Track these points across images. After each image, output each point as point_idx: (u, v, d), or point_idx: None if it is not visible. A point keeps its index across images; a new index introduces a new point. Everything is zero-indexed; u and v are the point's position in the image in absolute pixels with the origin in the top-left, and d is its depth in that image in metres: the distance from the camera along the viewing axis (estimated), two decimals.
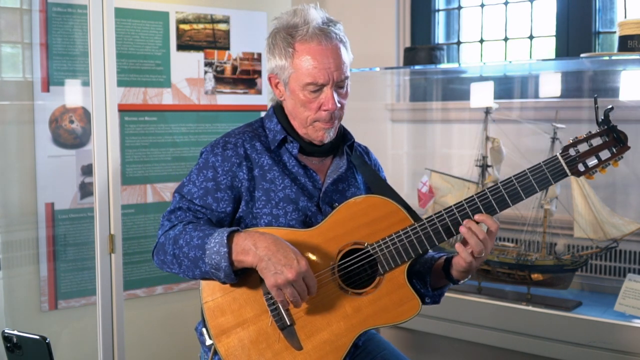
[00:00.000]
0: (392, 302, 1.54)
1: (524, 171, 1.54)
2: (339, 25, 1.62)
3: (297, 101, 1.61)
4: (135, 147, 2.71)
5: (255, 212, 1.60)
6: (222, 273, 1.46)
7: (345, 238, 1.56)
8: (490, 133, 2.89)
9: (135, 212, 2.73)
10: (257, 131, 1.68)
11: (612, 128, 1.54)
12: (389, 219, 1.56)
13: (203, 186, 1.61)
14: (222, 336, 1.51)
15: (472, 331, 2.69)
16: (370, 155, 1.84)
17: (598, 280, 2.81)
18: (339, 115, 1.63)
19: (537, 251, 2.80)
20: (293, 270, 1.40)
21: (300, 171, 1.64)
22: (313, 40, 1.56)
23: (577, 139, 1.54)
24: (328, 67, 1.55)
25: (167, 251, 1.55)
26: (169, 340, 2.82)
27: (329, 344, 1.50)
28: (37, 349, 1.43)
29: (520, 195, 1.54)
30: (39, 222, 2.52)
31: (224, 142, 1.64)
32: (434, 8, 3.40)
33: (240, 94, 2.95)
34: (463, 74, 3.28)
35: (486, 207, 1.53)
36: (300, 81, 1.58)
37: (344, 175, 1.69)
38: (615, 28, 2.82)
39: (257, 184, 1.61)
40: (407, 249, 1.54)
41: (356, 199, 1.58)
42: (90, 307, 2.52)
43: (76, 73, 2.57)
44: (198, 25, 2.83)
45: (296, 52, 1.57)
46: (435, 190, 3.03)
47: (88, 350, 2.45)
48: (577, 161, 1.54)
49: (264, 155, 1.63)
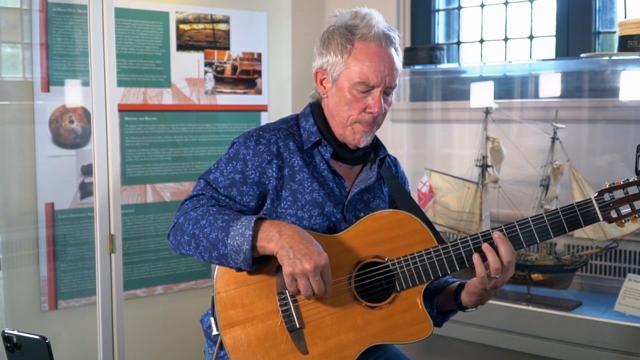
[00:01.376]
0: (404, 320, 1.53)
1: (557, 210, 1.52)
2: (397, 35, 1.61)
3: (343, 99, 1.59)
4: (135, 147, 2.71)
5: (280, 211, 1.58)
6: (242, 256, 1.43)
7: (367, 250, 1.54)
8: (490, 133, 2.89)
9: (135, 212, 2.73)
10: (291, 129, 1.65)
11: None
12: (413, 237, 1.55)
13: (230, 177, 1.58)
14: (229, 328, 1.50)
15: (472, 331, 2.69)
16: (399, 167, 1.82)
17: (598, 280, 2.81)
18: (379, 121, 1.62)
19: (537, 251, 2.80)
20: (312, 262, 1.39)
21: (329, 176, 1.62)
22: (374, 41, 1.55)
23: (613, 185, 1.53)
24: (382, 70, 1.55)
25: (186, 231, 1.52)
26: (169, 340, 2.82)
27: (335, 353, 1.49)
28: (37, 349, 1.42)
29: (549, 233, 1.52)
30: (39, 222, 2.52)
31: (258, 136, 1.61)
32: (434, 8, 3.40)
33: (240, 94, 2.95)
34: (463, 74, 3.28)
35: (513, 240, 1.52)
36: (351, 79, 1.56)
37: (371, 187, 1.68)
38: (615, 28, 2.82)
39: (286, 183, 1.59)
40: (427, 270, 1.53)
41: (382, 212, 1.57)
42: (90, 307, 2.52)
43: (76, 73, 2.57)
44: (198, 25, 2.83)
45: (354, 49, 1.56)
46: (435, 190, 3.03)
47: (88, 350, 2.45)
48: (611, 207, 1.52)
49: (296, 156, 1.61)
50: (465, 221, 2.92)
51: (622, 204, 1.53)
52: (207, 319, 1.62)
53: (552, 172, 2.70)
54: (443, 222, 3.02)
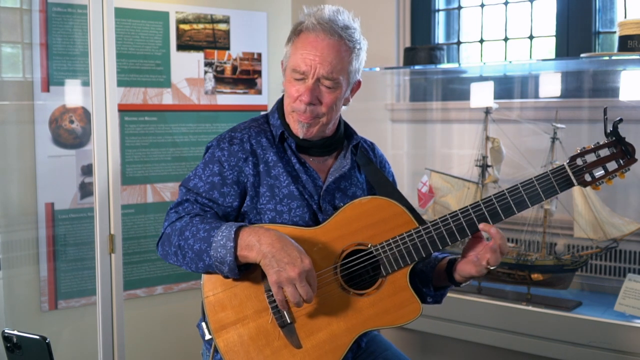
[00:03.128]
0: (393, 304, 1.54)
1: (531, 179, 1.54)
2: (353, 31, 1.60)
3: (286, 87, 1.64)
4: (135, 147, 2.71)
5: (260, 207, 1.60)
6: (227, 267, 1.46)
7: (349, 238, 1.56)
8: (490, 133, 2.89)
9: (135, 212, 2.73)
10: (262, 126, 1.68)
11: (621, 140, 1.54)
12: (394, 221, 1.57)
13: (209, 181, 1.60)
14: (221, 331, 1.51)
15: (472, 331, 2.69)
16: (376, 150, 1.83)
17: (598, 280, 2.81)
18: (318, 113, 1.60)
19: (537, 251, 2.80)
20: (296, 269, 1.40)
21: (301, 168, 1.65)
22: (313, 31, 1.57)
23: (584, 149, 1.54)
24: (313, 59, 1.56)
25: (172, 242, 1.54)
26: (169, 340, 2.82)
27: (329, 344, 1.51)
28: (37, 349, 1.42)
29: (526, 202, 1.54)
30: (39, 222, 2.52)
31: (230, 137, 1.64)
32: (434, 8, 3.40)
33: (240, 94, 2.95)
34: (463, 74, 3.28)
35: (491, 214, 1.54)
36: (289, 67, 1.61)
37: (346, 174, 1.69)
38: (615, 28, 2.82)
39: (262, 179, 1.61)
40: (410, 252, 1.54)
41: (361, 200, 1.59)
42: (90, 307, 2.52)
43: (76, 73, 2.57)
44: (198, 25, 2.83)
45: (297, 39, 1.60)
46: (435, 190, 3.03)
47: (88, 350, 2.45)
48: (584, 171, 1.54)
49: (269, 151, 1.64)
50: None
51: (595, 167, 1.54)
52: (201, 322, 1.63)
53: None
54: None
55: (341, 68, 1.58)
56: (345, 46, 1.58)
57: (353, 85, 1.67)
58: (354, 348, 1.67)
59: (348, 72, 1.60)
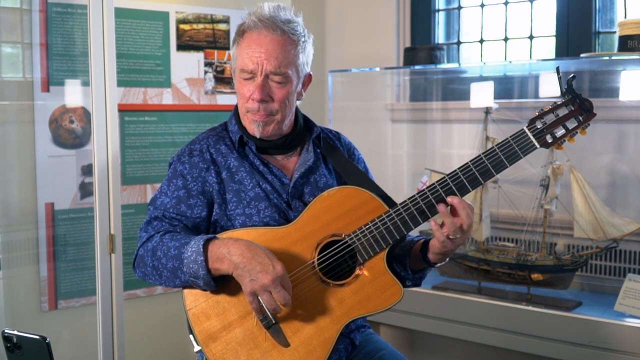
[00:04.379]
0: (374, 290, 1.54)
1: (493, 147, 1.54)
2: (295, 25, 1.61)
3: (237, 90, 1.64)
4: (135, 147, 2.71)
5: (229, 213, 1.61)
6: (202, 281, 1.48)
7: (323, 231, 1.56)
8: (490, 133, 2.89)
9: (135, 212, 2.73)
10: (221, 134, 1.70)
11: (577, 96, 1.55)
12: (364, 208, 1.57)
13: (175, 195, 1.62)
14: (209, 341, 1.52)
15: (472, 331, 2.69)
16: (342, 139, 1.83)
17: (598, 280, 2.81)
18: (271, 110, 1.61)
19: (537, 251, 2.80)
20: (269, 276, 1.41)
21: (265, 169, 1.66)
22: (253, 29, 1.58)
23: (542, 111, 1.55)
24: (259, 56, 1.56)
25: (147, 263, 1.56)
26: (169, 340, 2.82)
27: (316, 338, 1.51)
28: (37, 349, 1.42)
29: (491, 172, 1.53)
30: (39, 222, 2.52)
31: (190, 150, 1.67)
32: (434, 8, 3.40)
33: None
34: (463, 74, 3.28)
35: (459, 187, 1.53)
36: (237, 68, 1.62)
37: (313, 167, 1.69)
38: (615, 28, 2.82)
39: (227, 186, 1.62)
40: (384, 235, 1.54)
41: (329, 192, 1.59)
42: (90, 307, 2.52)
43: (76, 73, 2.57)
44: (198, 25, 2.83)
45: (241, 40, 1.61)
46: None
47: (88, 350, 2.45)
48: (545, 133, 1.53)
49: (230, 157, 1.65)
50: None
51: (555, 127, 1.54)
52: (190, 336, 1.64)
53: (552, 172, 2.70)
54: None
55: (288, 62, 1.59)
56: (290, 40, 1.59)
57: (304, 78, 1.68)
58: (349, 347, 1.67)
59: (296, 65, 1.61)
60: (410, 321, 2.84)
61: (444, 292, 2.79)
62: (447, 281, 2.94)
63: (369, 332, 1.79)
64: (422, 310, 2.80)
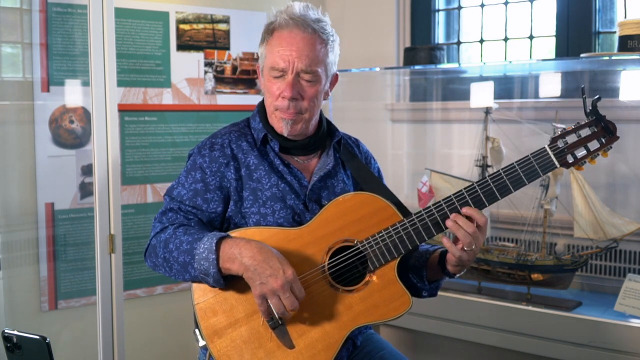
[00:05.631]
0: (382, 298, 1.54)
1: (512, 164, 1.53)
2: (324, 24, 1.62)
3: (266, 88, 1.64)
4: (135, 147, 2.71)
5: (244, 211, 1.61)
6: (211, 279, 1.47)
7: (335, 236, 1.56)
8: (490, 133, 2.89)
9: (135, 212, 2.73)
10: (243, 130, 1.70)
11: (601, 118, 1.53)
12: (378, 216, 1.57)
13: (192, 188, 1.62)
14: (214, 337, 1.52)
15: (472, 331, 2.69)
16: (361, 147, 1.83)
17: (598, 280, 2.81)
18: (301, 108, 1.61)
19: (537, 251, 2.80)
20: (279, 280, 1.41)
21: (285, 169, 1.65)
22: (286, 27, 1.59)
23: (565, 130, 1.54)
24: (290, 54, 1.57)
25: (158, 254, 1.56)
26: (169, 340, 2.82)
27: (321, 342, 1.51)
28: (37, 349, 1.43)
29: (509, 188, 1.53)
30: (39, 222, 2.52)
31: (211, 143, 1.65)
32: (434, 8, 3.40)
33: (240, 94, 2.95)
34: (463, 74, 3.28)
35: (475, 201, 1.53)
36: (267, 66, 1.62)
37: (331, 172, 1.69)
38: (615, 28, 2.82)
39: (244, 183, 1.62)
40: (396, 245, 1.54)
41: (345, 197, 1.59)
42: (90, 307, 2.52)
43: (76, 73, 2.57)
44: (198, 25, 2.83)
45: (271, 38, 1.61)
46: (435, 190, 3.03)
47: (88, 350, 2.45)
48: (566, 152, 1.53)
49: (250, 155, 1.64)
50: None
51: (576, 148, 1.53)
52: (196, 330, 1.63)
53: (552, 172, 2.70)
54: None
55: (318, 60, 1.59)
56: (320, 39, 1.60)
57: (331, 78, 1.68)
58: (350, 347, 1.67)
59: (325, 64, 1.62)
60: (410, 321, 2.83)
61: (444, 292, 2.78)
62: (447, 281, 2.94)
63: (370, 332, 1.79)
64: (423, 310, 2.80)
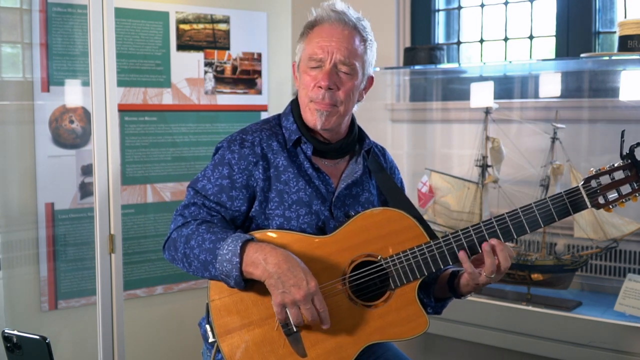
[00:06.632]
0: (400, 318, 1.53)
1: (545, 199, 1.53)
2: (365, 23, 1.63)
3: (302, 81, 1.61)
4: (135, 147, 2.71)
5: (268, 213, 1.58)
6: (232, 281, 1.45)
7: (359, 249, 1.55)
8: (490, 133, 2.89)
9: (135, 212, 2.73)
10: (274, 129, 1.66)
11: (637, 163, 1.53)
12: (405, 234, 1.56)
13: (218, 183, 1.58)
14: (226, 336, 1.50)
15: (472, 331, 2.69)
16: (387, 156, 1.82)
17: (598, 280, 2.81)
18: (336, 99, 1.58)
19: (537, 251, 2.80)
20: (302, 291, 1.39)
21: (314, 174, 1.62)
22: (327, 21, 1.59)
23: (599, 171, 1.54)
24: (329, 44, 1.56)
25: (178, 248, 1.53)
26: (169, 340, 2.82)
27: (334, 355, 1.49)
28: (37, 349, 1.42)
29: (539, 223, 1.53)
30: (39, 222, 2.52)
31: (242, 139, 1.61)
32: (434, 8, 3.40)
33: (240, 94, 2.95)
34: (463, 74, 3.28)
35: (504, 232, 1.53)
36: (304, 58, 1.60)
37: (358, 180, 1.67)
38: (615, 28, 2.82)
39: (272, 184, 1.59)
40: (420, 266, 1.53)
41: (373, 211, 1.57)
42: (90, 307, 2.52)
43: (76, 73, 2.57)
44: (198, 25, 2.83)
45: (311, 32, 1.61)
46: (435, 190, 3.03)
47: (88, 350, 2.45)
48: (598, 194, 1.53)
49: (280, 156, 1.61)
50: (465, 221, 2.92)
51: (609, 190, 1.54)
52: (204, 323, 1.61)
53: (552, 172, 2.70)
54: (443, 222, 3.02)
55: (357, 54, 1.59)
56: (360, 35, 1.60)
57: (367, 79, 1.67)
58: None
59: (363, 60, 1.61)
60: None
61: None
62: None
63: None
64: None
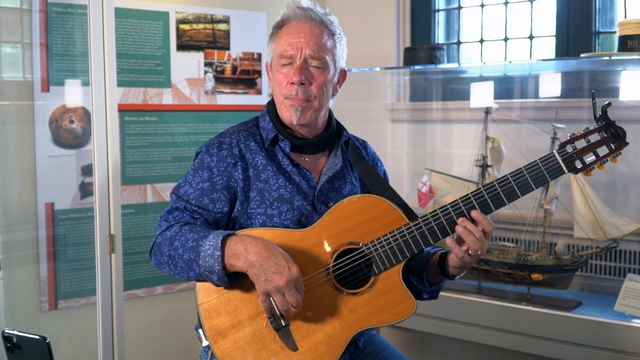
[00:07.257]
0: (387, 302, 1.53)
1: (520, 169, 1.52)
2: (332, 18, 1.65)
3: (275, 81, 1.64)
4: (135, 147, 2.71)
5: (250, 212, 1.60)
6: (215, 276, 1.47)
7: (340, 238, 1.56)
8: (490, 133, 2.89)
9: (135, 212, 2.73)
10: (251, 130, 1.69)
11: (610, 124, 1.52)
12: (384, 218, 1.56)
13: (199, 187, 1.61)
14: (217, 337, 1.52)
15: (472, 331, 2.69)
16: (368, 149, 1.83)
17: (598, 280, 2.81)
18: (310, 94, 1.60)
19: (537, 251, 2.80)
20: (284, 277, 1.40)
21: (294, 170, 1.64)
22: (293, 19, 1.62)
23: (574, 136, 1.53)
24: (298, 41, 1.59)
25: (164, 252, 1.56)
26: (169, 340, 2.82)
27: (324, 345, 1.50)
28: (37, 349, 1.43)
29: (517, 193, 1.52)
30: (39, 222, 2.52)
31: (219, 142, 1.65)
32: (434, 8, 3.40)
33: (240, 94, 2.95)
34: (463, 74, 3.28)
35: (482, 206, 1.52)
36: (275, 56, 1.63)
37: (340, 173, 1.69)
38: (615, 28, 2.82)
39: (252, 184, 1.61)
40: (402, 248, 1.54)
41: (351, 199, 1.58)
42: (90, 307, 2.52)
43: (76, 73, 2.57)
44: (198, 25, 2.83)
45: (279, 31, 1.63)
46: (435, 190, 3.03)
47: (88, 350, 2.45)
48: (574, 158, 1.52)
49: (259, 155, 1.64)
50: None
51: (585, 153, 1.52)
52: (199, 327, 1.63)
53: None
54: None
55: (326, 48, 1.61)
56: (328, 30, 1.63)
57: (339, 73, 1.69)
58: (352, 348, 1.67)
59: (333, 54, 1.63)
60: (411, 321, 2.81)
61: (444, 292, 2.78)
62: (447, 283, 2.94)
63: (372, 334, 1.79)
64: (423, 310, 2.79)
